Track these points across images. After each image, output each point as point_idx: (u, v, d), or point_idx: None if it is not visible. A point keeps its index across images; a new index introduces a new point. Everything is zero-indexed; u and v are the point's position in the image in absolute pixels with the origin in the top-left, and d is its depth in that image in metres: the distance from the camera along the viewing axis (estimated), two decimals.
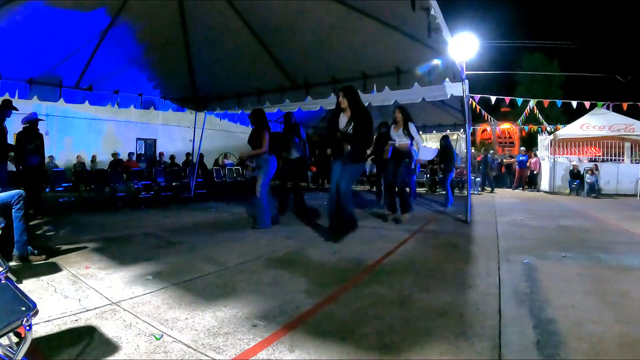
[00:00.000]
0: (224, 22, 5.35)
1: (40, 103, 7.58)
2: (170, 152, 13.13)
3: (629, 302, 2.41)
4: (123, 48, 5.85)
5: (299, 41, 5.51)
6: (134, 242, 4.04)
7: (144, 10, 5.04)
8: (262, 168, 4.95)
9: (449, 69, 4.84)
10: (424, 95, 6.24)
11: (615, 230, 5.28)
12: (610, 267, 3.25)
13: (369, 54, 5.32)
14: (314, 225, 5.15)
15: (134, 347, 1.77)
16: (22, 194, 3.01)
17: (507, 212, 7.09)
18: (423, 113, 9.72)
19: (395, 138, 5.45)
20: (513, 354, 1.75)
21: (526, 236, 4.71)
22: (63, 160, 11.83)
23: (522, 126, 19.68)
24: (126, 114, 13.11)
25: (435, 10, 3.46)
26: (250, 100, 7.47)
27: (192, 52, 6.38)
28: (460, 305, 2.34)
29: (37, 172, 5.81)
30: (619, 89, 16.19)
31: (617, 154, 12.64)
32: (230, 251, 3.68)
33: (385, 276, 2.94)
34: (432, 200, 8.76)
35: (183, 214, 6.24)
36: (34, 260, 3.08)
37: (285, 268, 3.12)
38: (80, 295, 2.41)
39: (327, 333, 1.94)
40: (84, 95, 6.78)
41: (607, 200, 10.00)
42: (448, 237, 4.57)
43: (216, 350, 1.76)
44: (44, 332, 1.88)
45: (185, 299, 2.39)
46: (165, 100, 8.11)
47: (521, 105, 14.85)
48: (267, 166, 4.91)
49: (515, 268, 3.19)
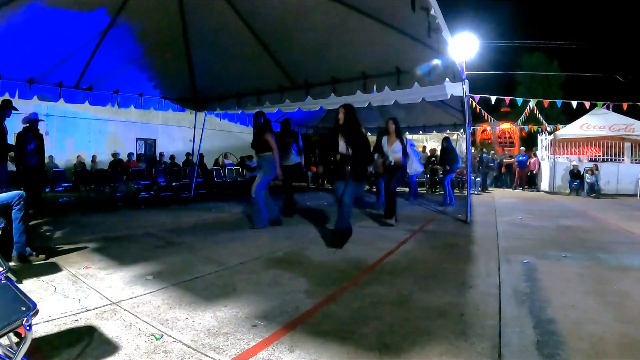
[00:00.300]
0: (224, 22, 5.35)
1: (40, 103, 7.59)
2: (170, 152, 13.12)
3: (629, 302, 2.41)
4: (123, 48, 5.85)
5: (299, 41, 5.51)
6: (134, 242, 4.04)
7: (144, 10, 5.04)
8: (263, 168, 4.94)
9: (449, 69, 4.84)
10: (424, 95, 6.24)
11: (615, 230, 5.28)
12: (610, 267, 3.25)
13: (369, 54, 5.32)
14: (314, 225, 5.15)
15: (134, 347, 1.77)
16: (23, 195, 3.01)
17: (507, 212, 7.09)
18: (423, 113, 9.72)
19: (389, 154, 5.36)
20: (513, 354, 1.75)
21: (526, 236, 4.71)
22: (63, 160, 11.82)
23: (522, 126, 19.66)
24: (126, 114, 13.11)
25: (435, 10, 3.46)
26: (250, 100, 7.47)
27: (192, 52, 6.38)
28: (460, 305, 2.35)
29: (37, 172, 5.81)
30: (619, 89, 16.18)
31: (617, 154, 12.63)
32: (230, 251, 3.68)
33: (385, 276, 2.94)
34: (432, 201, 8.76)
35: (183, 214, 6.24)
36: (33, 260, 3.08)
37: (285, 268, 3.12)
38: (80, 295, 2.41)
39: (327, 333, 1.95)
40: (84, 95, 6.77)
41: (607, 200, 10.00)
42: (448, 237, 4.57)
43: (216, 350, 1.76)
44: (44, 332, 1.88)
45: (185, 299, 2.39)
46: (165, 100, 8.11)
47: (521, 105, 14.83)
48: (268, 167, 4.90)
49: (515, 268, 3.19)
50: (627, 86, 14.85)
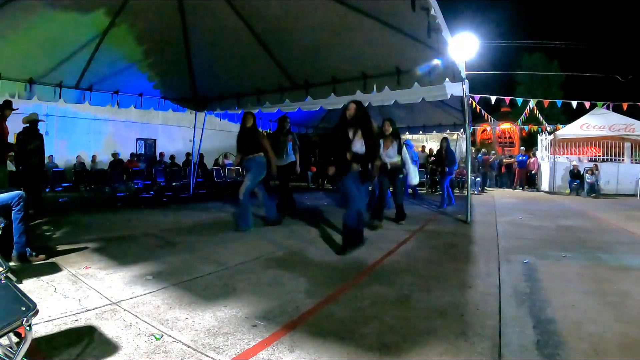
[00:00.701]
0: (224, 22, 5.35)
1: (40, 103, 7.57)
2: (170, 152, 13.12)
3: (629, 302, 2.41)
4: (123, 48, 5.84)
5: (299, 41, 5.51)
6: (134, 242, 4.04)
7: (144, 10, 5.03)
8: (252, 170, 4.79)
9: (449, 69, 4.84)
10: (424, 95, 6.23)
11: (615, 230, 5.28)
12: (610, 267, 3.25)
13: (369, 54, 5.32)
14: (314, 225, 5.14)
15: (134, 347, 1.77)
16: (23, 195, 3.01)
17: (507, 212, 7.09)
18: (423, 113, 9.71)
19: (385, 159, 5.26)
20: (513, 354, 1.75)
21: (526, 236, 4.70)
22: (63, 160, 11.83)
23: (522, 126, 19.67)
24: (126, 114, 13.10)
25: (435, 10, 3.46)
26: (250, 100, 7.47)
27: (192, 52, 6.37)
28: (461, 305, 2.35)
29: (37, 172, 5.81)
30: (619, 89, 16.19)
31: (617, 154, 12.63)
32: (230, 251, 3.68)
33: (385, 276, 2.94)
34: (432, 201, 8.76)
35: (183, 214, 6.24)
36: (33, 260, 3.08)
37: (285, 268, 3.12)
38: (80, 295, 2.41)
39: (327, 333, 1.95)
40: (84, 95, 6.78)
41: (607, 200, 10.00)
42: (448, 237, 4.57)
43: (216, 350, 1.76)
44: (44, 332, 1.88)
45: (185, 299, 2.39)
46: (165, 100, 8.11)
47: (521, 105, 14.83)
48: (257, 169, 4.78)
49: (515, 268, 3.19)
50: (627, 86, 14.86)
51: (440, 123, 10.88)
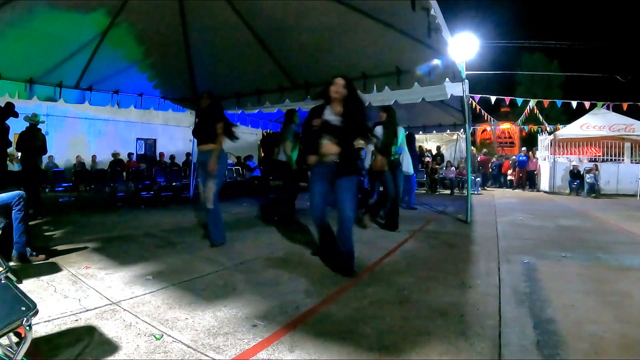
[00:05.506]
0: (224, 22, 5.35)
1: (40, 103, 7.58)
2: (171, 152, 13.13)
3: (629, 302, 2.41)
4: (123, 48, 5.85)
5: (299, 41, 5.51)
6: (134, 242, 4.04)
7: (144, 10, 5.04)
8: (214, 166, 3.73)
9: (449, 69, 4.84)
10: (424, 95, 6.24)
11: (615, 230, 5.28)
12: (610, 267, 3.25)
13: (369, 54, 5.32)
14: (313, 225, 5.12)
15: (134, 347, 1.77)
16: (23, 195, 3.01)
17: (507, 212, 7.09)
18: (423, 113, 9.72)
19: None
20: (513, 354, 1.75)
21: (526, 236, 4.70)
22: (63, 160, 11.83)
23: (522, 126, 19.69)
24: (126, 114, 13.12)
25: (435, 10, 3.46)
26: (250, 100, 7.47)
27: (192, 52, 6.38)
28: (460, 305, 2.34)
29: (37, 172, 5.81)
30: (619, 89, 16.21)
31: (617, 154, 12.63)
32: (230, 251, 3.68)
33: (385, 276, 2.94)
34: (431, 201, 8.76)
35: (183, 214, 6.24)
36: (33, 260, 3.08)
37: (285, 268, 3.12)
38: (80, 295, 2.41)
39: (327, 333, 1.94)
40: (84, 95, 6.79)
41: (607, 200, 10.00)
42: (448, 237, 4.57)
43: (216, 350, 1.76)
44: (44, 332, 1.88)
45: (185, 299, 2.39)
46: (165, 100, 8.12)
47: (521, 105, 14.84)
48: (222, 166, 3.84)
49: (515, 268, 3.19)
50: (627, 86, 14.88)
51: (440, 123, 10.90)
